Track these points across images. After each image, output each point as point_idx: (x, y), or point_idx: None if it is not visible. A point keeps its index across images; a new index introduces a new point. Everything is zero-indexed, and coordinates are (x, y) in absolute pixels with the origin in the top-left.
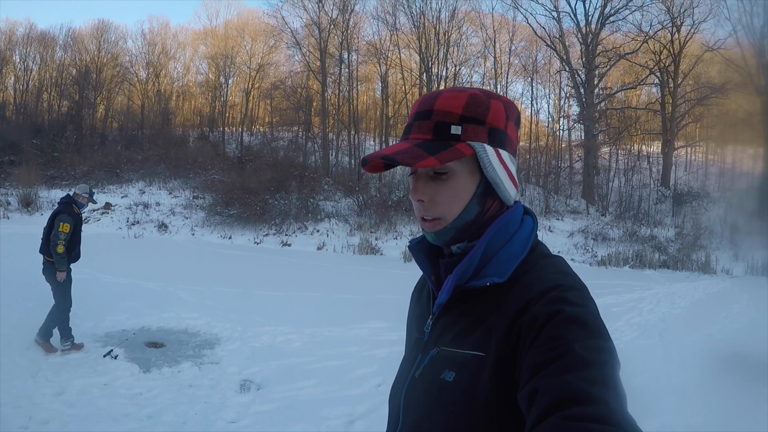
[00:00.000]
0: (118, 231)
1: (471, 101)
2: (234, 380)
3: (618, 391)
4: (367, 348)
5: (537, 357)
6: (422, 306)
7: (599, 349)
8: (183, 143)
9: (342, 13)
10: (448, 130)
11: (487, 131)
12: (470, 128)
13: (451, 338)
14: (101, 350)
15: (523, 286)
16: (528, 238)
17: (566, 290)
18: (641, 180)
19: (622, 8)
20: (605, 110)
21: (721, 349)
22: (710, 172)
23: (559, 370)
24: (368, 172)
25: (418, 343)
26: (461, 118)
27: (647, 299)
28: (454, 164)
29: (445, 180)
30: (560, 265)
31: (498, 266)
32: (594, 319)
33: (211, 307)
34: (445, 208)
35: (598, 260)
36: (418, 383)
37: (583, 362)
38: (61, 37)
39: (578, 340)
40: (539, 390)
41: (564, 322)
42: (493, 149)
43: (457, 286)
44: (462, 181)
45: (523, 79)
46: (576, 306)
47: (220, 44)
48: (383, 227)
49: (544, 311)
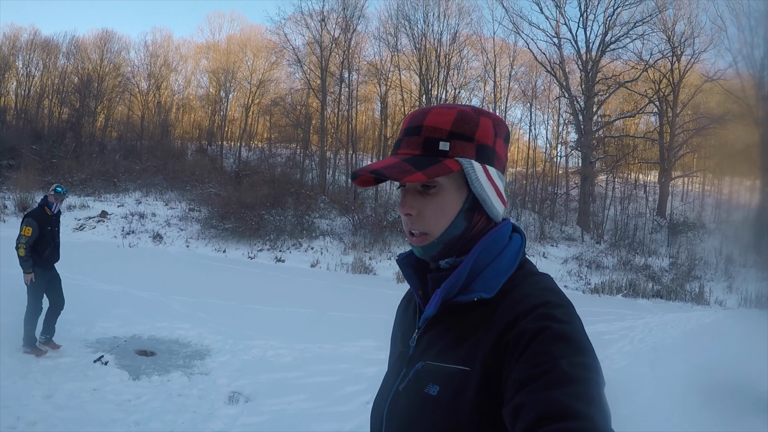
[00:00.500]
0: (113, 239)
1: (460, 118)
2: (223, 392)
3: (603, 407)
4: (358, 366)
5: (523, 372)
6: (408, 320)
7: (585, 366)
8: (181, 155)
9: (344, 32)
10: (436, 146)
11: (475, 147)
12: (458, 144)
13: (436, 352)
14: (92, 355)
15: (510, 302)
16: (516, 254)
17: (553, 307)
18: (637, 209)
19: (623, 36)
20: (603, 138)
21: (712, 380)
22: (706, 203)
23: (545, 385)
24: (358, 186)
25: (402, 357)
26: (450, 134)
27: (639, 328)
28: (442, 179)
29: (433, 195)
30: (547, 283)
31: (486, 282)
32: (580, 336)
33: (203, 318)
34: (432, 223)
35: (592, 288)
36: (402, 397)
37: (568, 378)
38: (65, 45)
39: (564, 356)
40: (525, 405)
41: (550, 339)
42: (481, 165)
43: (444, 300)
44: (449, 196)
45: (522, 104)
46: (562, 323)
47: (221, 59)
48: (377, 247)
49: (531, 327)
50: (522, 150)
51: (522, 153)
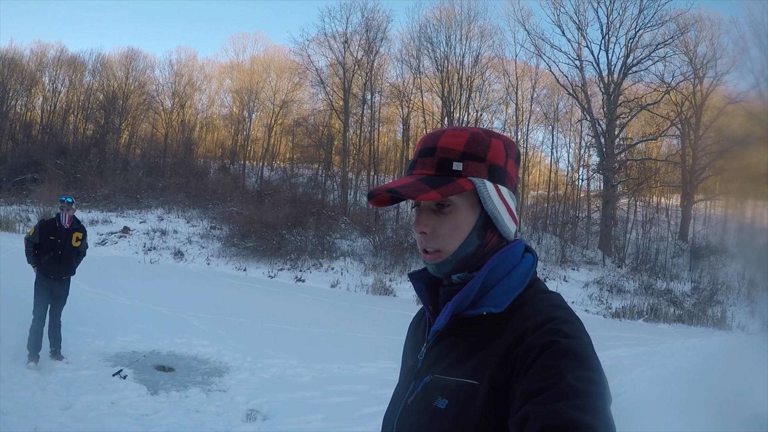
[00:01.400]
0: (134, 255)
1: (472, 139)
2: (241, 409)
3: (608, 422)
4: (376, 387)
5: (530, 385)
6: (418, 335)
7: (591, 381)
8: (204, 174)
9: (367, 54)
10: (450, 166)
11: (488, 168)
12: (471, 165)
13: (445, 366)
14: (111, 369)
15: (519, 318)
16: (527, 273)
17: (562, 323)
18: (659, 233)
19: (644, 59)
20: (625, 161)
21: (733, 407)
22: (729, 227)
23: (551, 398)
24: (374, 206)
25: (411, 371)
26: (463, 155)
27: (660, 353)
28: (455, 198)
29: (447, 213)
30: (557, 300)
31: (496, 297)
32: (588, 351)
33: (222, 336)
34: (446, 240)
35: (612, 312)
36: (411, 410)
37: (574, 392)
38: (91, 62)
39: (571, 370)
40: (530, 416)
41: (558, 353)
42: (493, 185)
43: (455, 313)
44: (463, 214)
45: (544, 127)
46: (570, 338)
47: (245, 79)
48: (398, 269)
49: (539, 342)
50: (543, 173)
51: (543, 176)
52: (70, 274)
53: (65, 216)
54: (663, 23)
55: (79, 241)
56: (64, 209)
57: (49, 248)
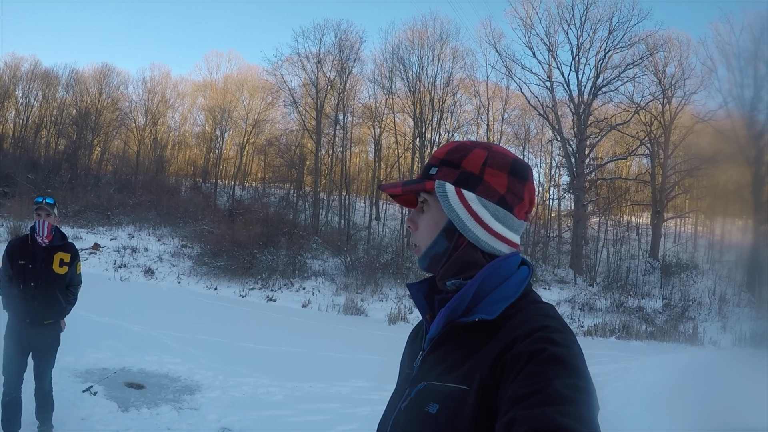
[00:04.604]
0: (104, 272)
1: (455, 148)
2: (213, 427)
3: (594, 428)
4: (349, 405)
5: (517, 390)
6: (416, 345)
7: (579, 388)
8: (175, 192)
9: (340, 74)
10: (428, 171)
11: (459, 173)
12: (444, 170)
13: (438, 373)
14: (81, 385)
15: (511, 326)
16: (521, 283)
17: (552, 331)
18: (630, 251)
19: (614, 79)
20: (595, 180)
21: (709, 421)
22: (699, 244)
23: (538, 402)
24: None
25: (407, 378)
26: (441, 161)
27: (633, 369)
28: (431, 199)
29: (425, 212)
30: (549, 310)
31: (488, 305)
32: (576, 360)
33: (194, 354)
34: (422, 237)
35: (585, 330)
36: (404, 415)
37: (561, 398)
38: (64, 77)
39: (559, 377)
40: (516, 420)
41: (547, 360)
42: (455, 188)
43: (448, 321)
44: (433, 214)
45: (515, 147)
46: (560, 346)
47: (218, 97)
48: (369, 289)
49: (528, 348)
50: None
51: None
52: (55, 317)
53: (42, 225)
54: (632, 44)
55: (65, 265)
56: (41, 213)
57: (19, 277)
